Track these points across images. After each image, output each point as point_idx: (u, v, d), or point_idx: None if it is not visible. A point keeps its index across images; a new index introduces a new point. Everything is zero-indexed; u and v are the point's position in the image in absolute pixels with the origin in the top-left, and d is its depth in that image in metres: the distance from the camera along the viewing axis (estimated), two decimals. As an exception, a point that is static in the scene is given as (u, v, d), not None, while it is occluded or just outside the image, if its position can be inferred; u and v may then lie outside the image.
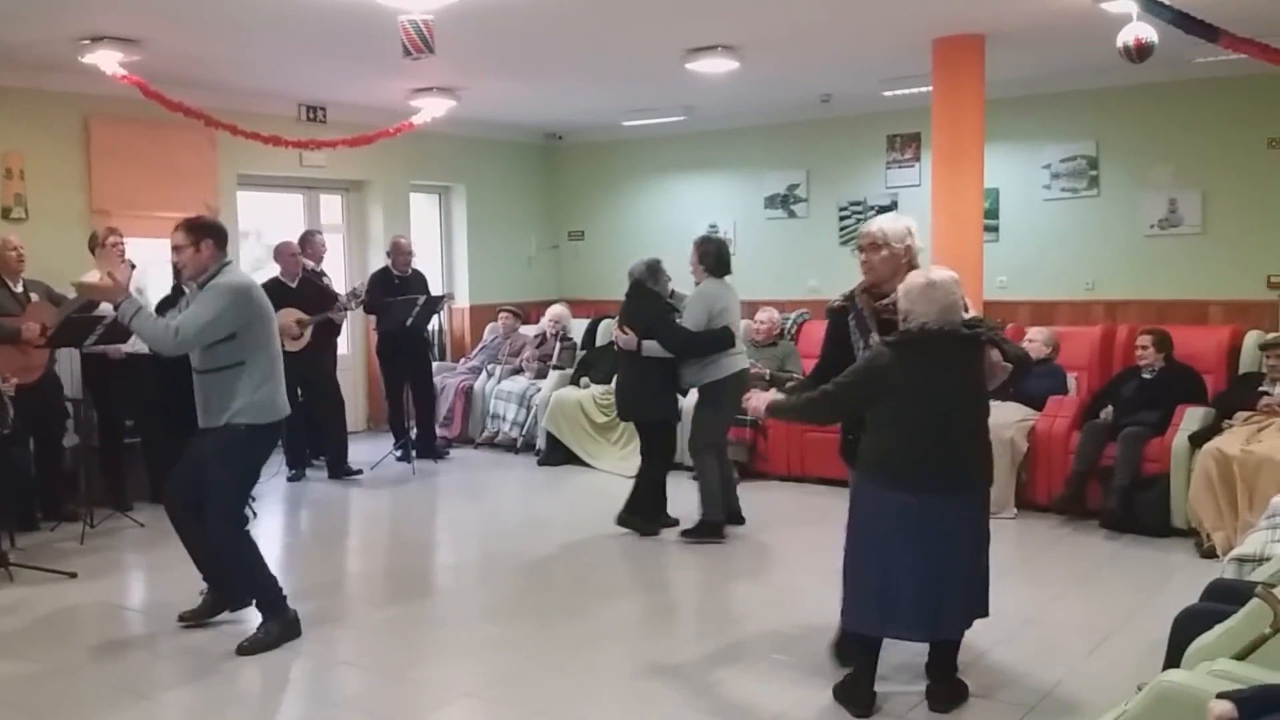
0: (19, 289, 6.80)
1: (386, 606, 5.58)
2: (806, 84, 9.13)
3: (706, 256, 6.60)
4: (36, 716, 4.17)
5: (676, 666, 4.59)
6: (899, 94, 8.93)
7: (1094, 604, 5.35)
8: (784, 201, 10.54)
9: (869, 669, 4.06)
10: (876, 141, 9.93)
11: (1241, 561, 4.08)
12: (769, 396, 4.39)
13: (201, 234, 4.80)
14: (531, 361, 9.83)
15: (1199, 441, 6.34)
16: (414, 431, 9.07)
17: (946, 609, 3.94)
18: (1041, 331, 7.66)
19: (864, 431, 4.03)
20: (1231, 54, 6.16)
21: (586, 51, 7.68)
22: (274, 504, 7.75)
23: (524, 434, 9.39)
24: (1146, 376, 6.98)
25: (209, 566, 5.08)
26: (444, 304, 9.81)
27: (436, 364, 10.02)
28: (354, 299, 8.31)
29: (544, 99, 9.68)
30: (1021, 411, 7.13)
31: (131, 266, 6.78)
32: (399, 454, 8.91)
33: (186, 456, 4.97)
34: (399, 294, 8.67)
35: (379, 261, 9.59)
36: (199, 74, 7.93)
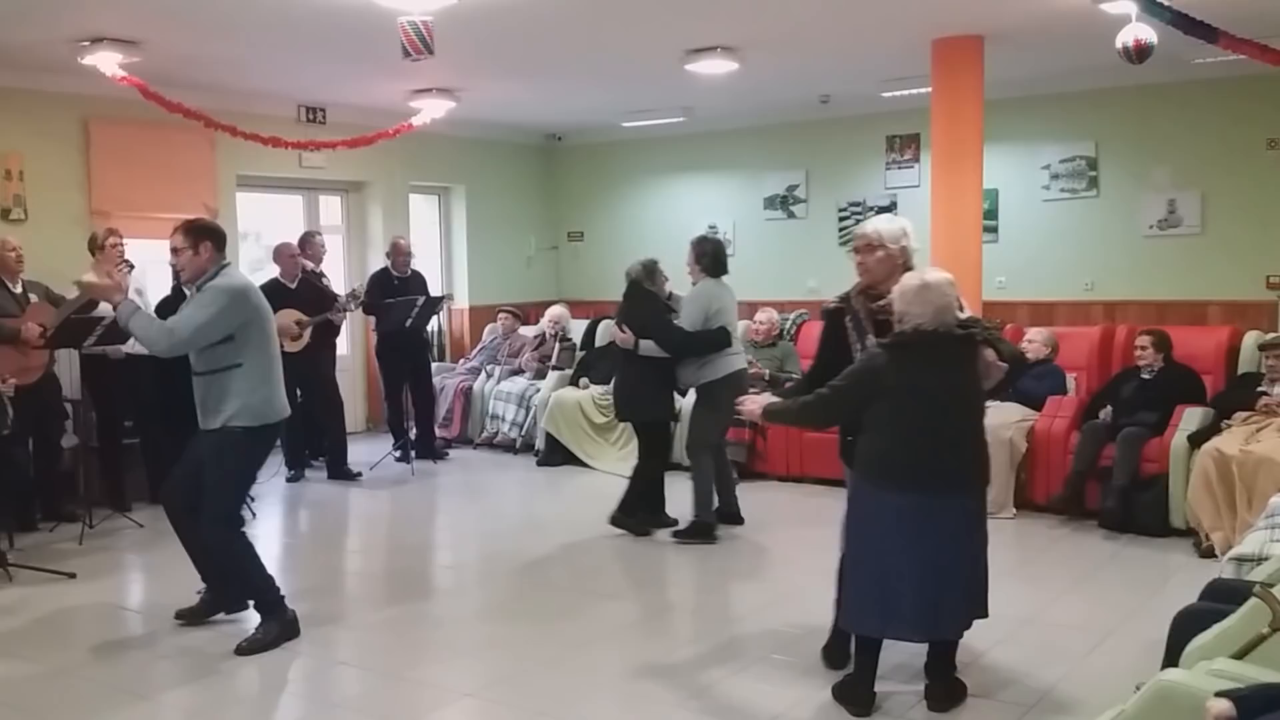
0: (18, 290, 6.80)
1: (385, 607, 5.58)
2: (806, 85, 9.13)
3: (703, 257, 6.60)
4: (35, 717, 4.17)
5: (675, 666, 4.59)
6: (898, 95, 8.93)
7: (1093, 604, 5.35)
8: (783, 202, 10.55)
9: (869, 668, 4.05)
10: (876, 142, 9.94)
11: (1240, 561, 4.08)
12: (764, 400, 4.37)
13: (200, 236, 4.80)
14: (530, 362, 9.83)
15: (1198, 442, 6.35)
16: (413, 432, 9.08)
17: (947, 609, 3.94)
18: (1041, 332, 7.66)
19: (861, 429, 4.03)
20: (1230, 54, 6.16)
21: (586, 52, 7.69)
22: (273, 504, 7.75)
23: (523, 434, 9.40)
24: (1145, 377, 6.98)
25: (208, 568, 5.08)
26: (443, 305, 9.82)
27: (436, 365, 10.03)
28: (353, 300, 8.32)
29: (543, 100, 9.68)
30: (1021, 412, 7.13)
31: (130, 267, 6.83)
32: (398, 454, 8.91)
33: (185, 458, 4.97)
34: (398, 295, 8.67)
35: (378, 262, 9.59)
36: (198, 75, 7.93)
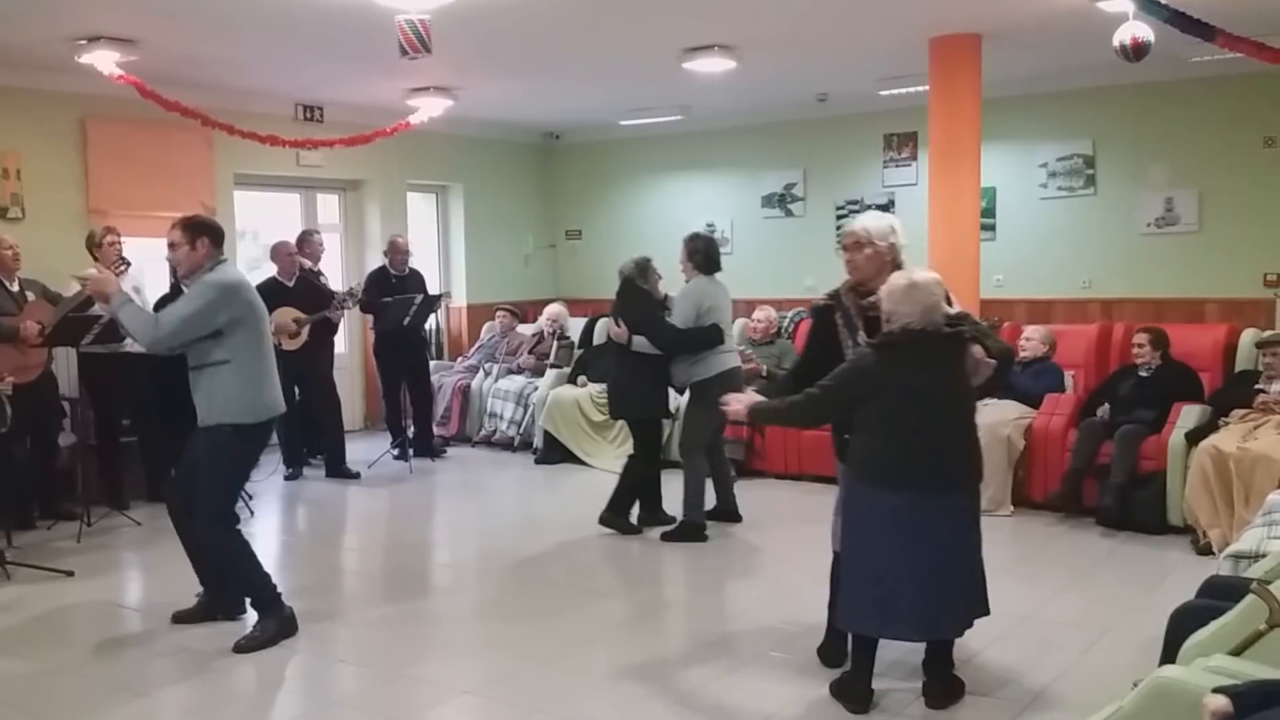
0: (15, 288, 6.80)
1: (383, 604, 5.58)
2: (803, 83, 9.14)
3: (695, 254, 6.59)
4: (34, 715, 4.17)
5: (673, 664, 4.60)
6: (896, 93, 8.93)
7: (1090, 601, 5.36)
8: (781, 200, 10.55)
9: (866, 666, 4.06)
10: (873, 141, 9.95)
11: (1237, 558, 4.09)
12: (749, 399, 4.33)
13: (198, 232, 4.80)
14: (528, 360, 9.83)
15: (1195, 439, 6.35)
16: (411, 430, 9.07)
17: (946, 608, 3.94)
18: (1038, 330, 7.67)
19: (853, 430, 4.03)
20: (1227, 53, 6.17)
21: (584, 51, 7.69)
22: (271, 503, 7.75)
23: (521, 433, 9.40)
24: (1143, 374, 6.99)
25: (206, 571, 5.07)
26: (441, 303, 9.83)
27: (434, 363, 10.04)
28: (351, 298, 8.32)
29: (541, 98, 9.68)
30: (1018, 409, 7.14)
31: (127, 264, 6.83)
32: (396, 453, 8.91)
33: (184, 458, 4.99)
34: (396, 293, 8.67)
35: (376, 261, 9.60)
36: (195, 74, 7.93)
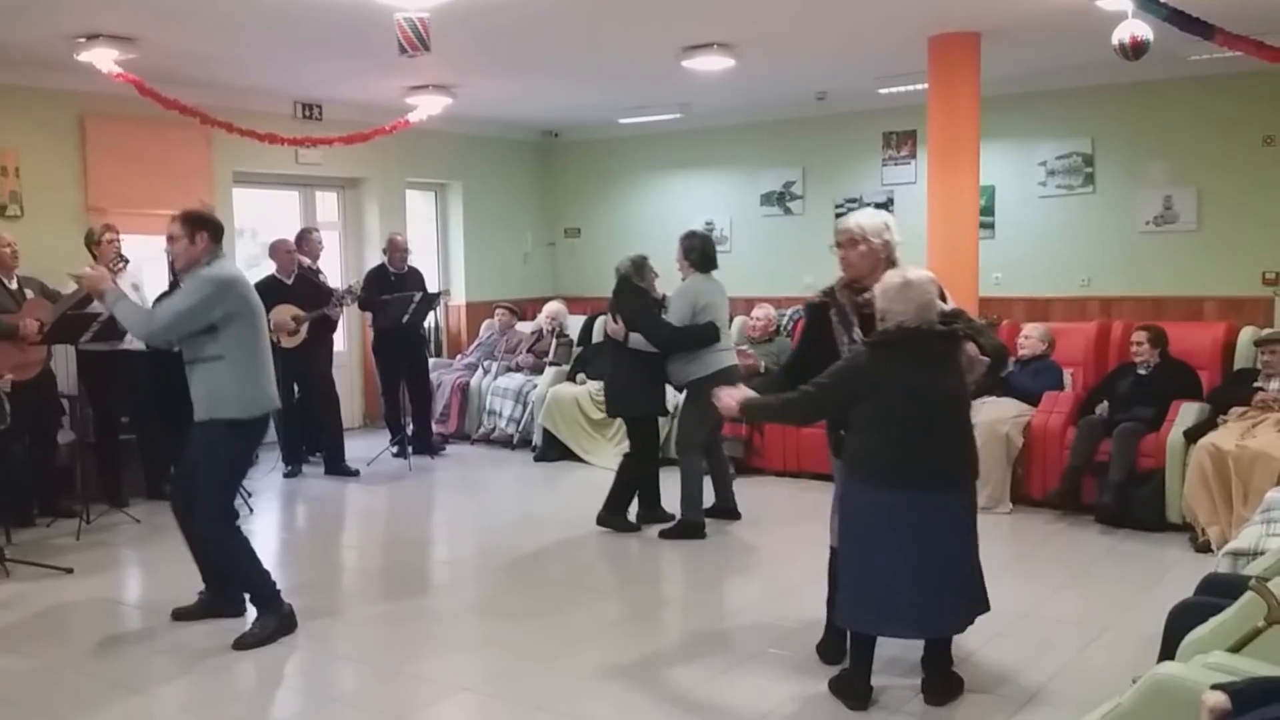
0: (13, 285, 6.80)
1: (382, 602, 5.58)
2: (802, 81, 9.14)
3: (691, 251, 6.58)
4: (33, 712, 4.17)
5: (672, 660, 4.60)
6: (895, 91, 8.94)
7: (1089, 598, 5.37)
8: (780, 199, 10.56)
9: (865, 663, 4.06)
10: (872, 139, 9.95)
11: (1236, 555, 4.09)
12: (741, 394, 4.30)
13: (197, 226, 4.79)
14: (527, 358, 9.83)
15: (1194, 437, 6.36)
16: (410, 428, 9.07)
17: (946, 605, 3.95)
18: (1037, 328, 7.67)
19: (849, 428, 4.03)
20: (1226, 51, 6.18)
21: (583, 49, 7.68)
22: (270, 500, 7.76)
23: (520, 430, 9.40)
24: (1142, 372, 6.99)
25: (208, 569, 5.08)
26: (440, 301, 9.82)
27: (433, 360, 10.03)
28: (349, 295, 8.33)
29: (540, 96, 9.68)
30: (1017, 407, 7.14)
31: (126, 262, 6.83)
32: (395, 450, 8.92)
33: (185, 456, 5.00)
34: (395, 291, 8.66)
35: (375, 259, 9.60)
36: (194, 72, 7.93)
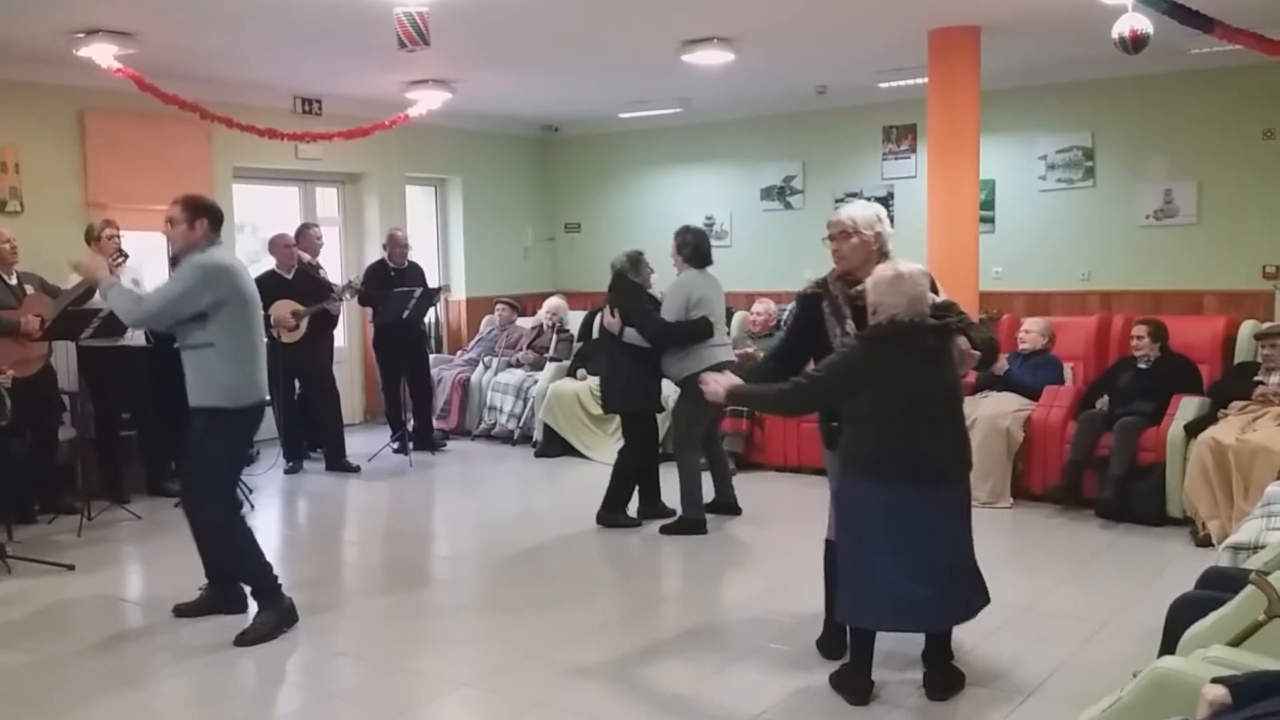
0: (13, 281, 6.80)
1: (383, 598, 5.59)
2: (802, 76, 9.13)
3: (684, 247, 6.57)
4: (34, 708, 4.18)
5: (672, 656, 4.61)
6: (895, 85, 8.93)
7: (1090, 592, 5.37)
8: (780, 193, 10.55)
9: (865, 658, 4.06)
10: (872, 133, 9.94)
11: (1236, 549, 4.10)
12: (728, 381, 4.27)
13: (198, 212, 4.79)
14: (528, 354, 9.83)
15: (1194, 431, 6.36)
16: (411, 423, 9.08)
17: (945, 599, 3.95)
18: (1037, 322, 7.66)
19: (842, 422, 4.03)
20: (1226, 45, 6.17)
21: (582, 44, 7.67)
22: (271, 496, 7.76)
23: (521, 426, 9.40)
24: (1142, 366, 6.99)
25: (214, 566, 5.09)
26: (440, 296, 9.82)
27: (433, 356, 10.03)
28: (349, 290, 8.33)
29: (540, 91, 9.68)
30: (1017, 402, 7.14)
31: (125, 257, 6.83)
32: (396, 446, 8.92)
33: (186, 450, 5.01)
34: (395, 286, 8.66)
35: (375, 254, 9.59)
36: (194, 67, 7.92)
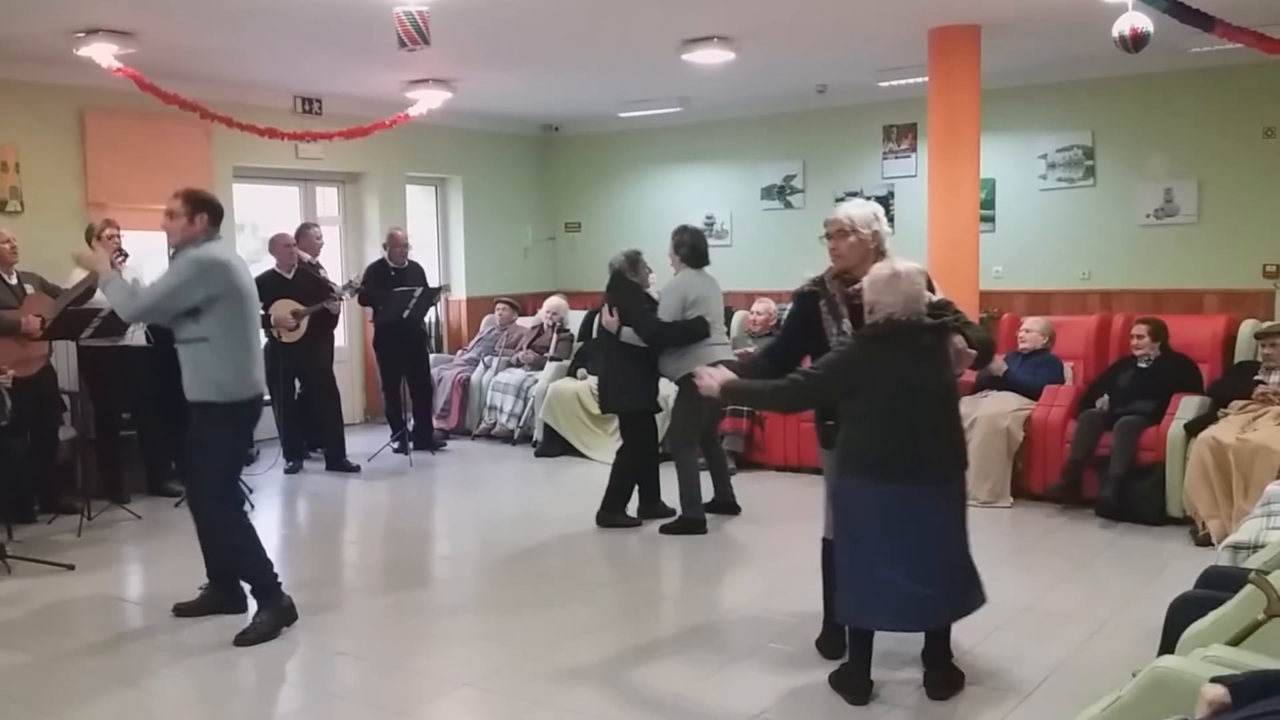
0: (13, 281, 6.80)
1: (383, 597, 5.59)
2: (802, 75, 9.13)
3: (681, 247, 6.57)
4: (34, 707, 4.18)
5: (672, 655, 4.61)
6: (895, 84, 8.93)
7: (1090, 591, 5.37)
8: (780, 192, 10.55)
9: (864, 658, 4.06)
10: (873, 132, 9.94)
11: (1236, 549, 4.10)
12: (722, 375, 4.26)
13: (199, 207, 4.80)
14: (528, 354, 9.82)
15: (1194, 430, 6.36)
16: (411, 423, 9.08)
17: (944, 597, 3.95)
18: (1038, 321, 7.66)
19: (839, 420, 4.03)
20: (1227, 43, 6.17)
21: (582, 43, 7.67)
22: (271, 496, 7.76)
23: (521, 425, 9.40)
24: (1142, 366, 6.99)
25: (215, 564, 5.09)
26: (440, 296, 9.82)
27: (433, 356, 10.03)
28: (349, 289, 8.33)
29: (540, 90, 9.67)
30: (1018, 401, 7.14)
31: (125, 256, 6.84)
32: (396, 446, 8.92)
33: (186, 450, 5.01)
34: (396, 286, 8.66)
35: (375, 254, 9.59)
36: (194, 66, 7.92)
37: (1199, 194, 8.53)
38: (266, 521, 7.10)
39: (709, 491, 6.74)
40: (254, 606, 4.99)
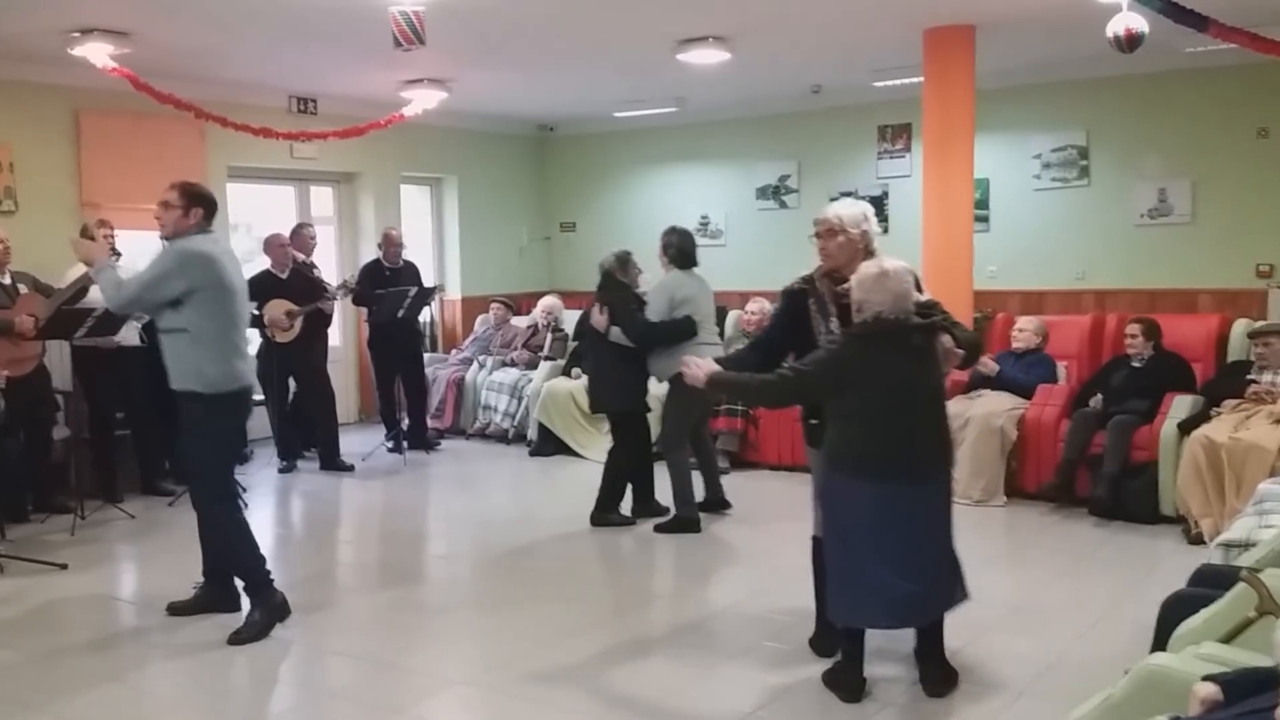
0: (6, 280, 6.79)
1: (377, 596, 5.58)
2: (797, 75, 9.13)
3: (669, 248, 6.59)
4: (27, 707, 4.17)
5: (666, 653, 4.61)
6: (890, 84, 8.93)
7: (1082, 590, 5.38)
8: (775, 192, 10.55)
9: (857, 656, 4.07)
10: (867, 132, 9.94)
11: (1228, 547, 4.11)
12: (710, 366, 4.22)
13: (194, 201, 4.81)
14: (523, 353, 9.82)
15: (1187, 429, 6.37)
16: (405, 423, 9.08)
17: (933, 594, 3.97)
18: (1031, 321, 7.68)
19: (825, 417, 4.04)
20: (1221, 43, 6.18)
21: (578, 43, 7.67)
22: (265, 496, 7.75)
23: (515, 425, 9.40)
24: (1135, 365, 7.00)
25: (212, 563, 5.09)
26: (435, 295, 9.81)
27: (428, 355, 10.03)
28: (343, 289, 8.33)
29: (535, 90, 9.67)
30: (1011, 400, 7.15)
31: (118, 256, 6.83)
32: (390, 445, 8.92)
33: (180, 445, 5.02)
34: (390, 286, 8.66)
35: (370, 253, 9.58)
36: (189, 66, 7.91)
37: (1193, 194, 8.54)
38: (260, 521, 7.07)
39: (700, 490, 6.74)
40: (248, 606, 4.98)
